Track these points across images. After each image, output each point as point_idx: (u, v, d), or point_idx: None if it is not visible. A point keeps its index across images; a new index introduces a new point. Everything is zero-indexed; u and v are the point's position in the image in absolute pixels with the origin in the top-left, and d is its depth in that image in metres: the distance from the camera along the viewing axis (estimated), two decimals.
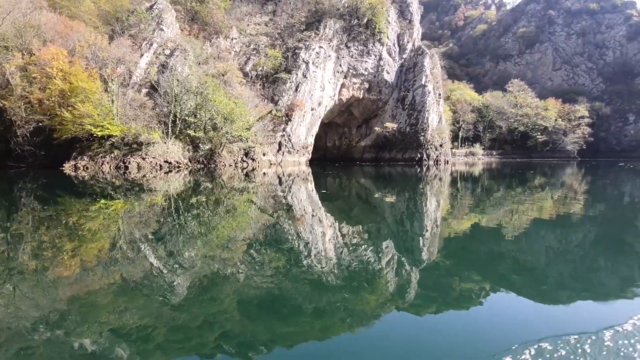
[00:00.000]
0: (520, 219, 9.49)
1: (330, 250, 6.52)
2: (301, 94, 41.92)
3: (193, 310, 4.25)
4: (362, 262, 5.88)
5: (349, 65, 47.77)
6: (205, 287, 4.94)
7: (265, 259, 6.07)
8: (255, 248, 6.69)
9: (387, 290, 4.86)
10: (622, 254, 6.62)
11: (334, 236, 7.65)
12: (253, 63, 43.78)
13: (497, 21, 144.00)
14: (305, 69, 42.93)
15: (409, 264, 5.88)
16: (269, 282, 5.07)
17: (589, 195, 15.69)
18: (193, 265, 5.78)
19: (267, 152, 38.50)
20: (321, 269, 5.58)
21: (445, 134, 49.42)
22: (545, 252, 6.69)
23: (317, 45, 44.31)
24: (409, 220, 9.76)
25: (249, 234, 7.88)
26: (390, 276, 5.31)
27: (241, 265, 5.72)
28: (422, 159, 45.70)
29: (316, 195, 15.29)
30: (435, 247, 6.96)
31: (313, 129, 43.44)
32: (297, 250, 6.57)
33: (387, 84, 50.74)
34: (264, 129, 39.60)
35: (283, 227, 8.58)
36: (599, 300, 4.54)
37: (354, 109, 52.81)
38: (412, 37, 52.26)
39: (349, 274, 5.33)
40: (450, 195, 15.46)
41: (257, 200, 13.38)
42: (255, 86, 42.66)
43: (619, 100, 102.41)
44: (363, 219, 10.19)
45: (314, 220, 9.62)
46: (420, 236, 7.89)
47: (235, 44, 45.18)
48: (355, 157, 51.39)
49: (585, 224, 9.09)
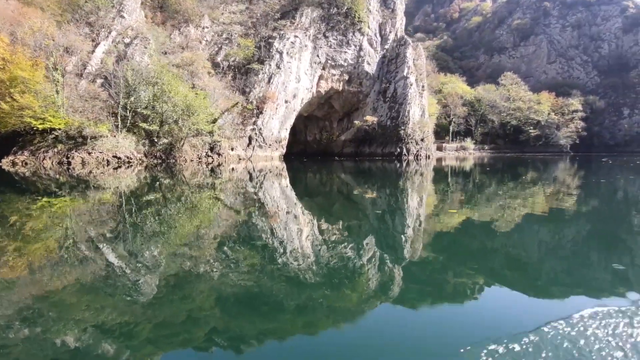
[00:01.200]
0: (500, 222, 8.75)
1: (308, 248, 6.35)
2: (274, 86, 40.00)
3: (173, 308, 4.12)
4: (342, 258, 5.75)
5: (327, 56, 45.76)
6: (178, 285, 4.71)
7: (239, 256, 5.84)
8: (228, 245, 6.42)
9: (370, 286, 4.77)
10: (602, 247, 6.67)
11: (311, 233, 7.39)
12: (225, 53, 41.79)
13: (492, 13, 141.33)
14: (279, 59, 40.96)
15: (391, 260, 5.72)
16: (246, 279, 4.90)
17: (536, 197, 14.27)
18: (160, 263, 5.56)
19: (236, 146, 36.68)
20: (299, 266, 5.42)
21: (427, 127, 47.57)
22: (531, 246, 6.70)
23: (292, 35, 42.29)
24: (389, 216, 9.36)
25: (218, 232, 7.51)
26: (373, 272, 5.21)
27: (215, 263, 5.51)
28: (401, 153, 43.87)
29: (291, 192, 14.70)
30: (417, 245, 6.73)
31: (287, 123, 41.57)
32: (272, 248, 6.36)
33: (368, 76, 48.77)
34: (233, 122, 37.78)
35: (256, 224, 8.24)
36: (589, 292, 4.49)
37: (334, 102, 50.88)
38: (394, 26, 50.17)
39: (329, 271, 5.21)
40: (432, 192, 14.80)
41: (226, 197, 12.71)
42: (227, 77, 40.75)
43: (613, 94, 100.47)
44: (341, 215, 9.79)
45: (289, 217, 9.23)
46: (401, 233, 7.66)
47: (207, 33, 43.12)
48: (335, 152, 49.59)
49: (559, 222, 8.70)
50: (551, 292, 4.64)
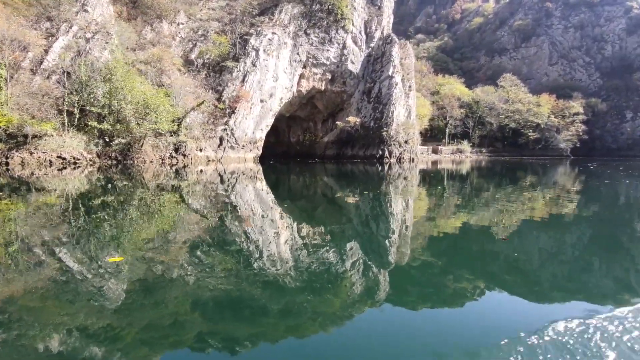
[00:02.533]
0: (484, 230, 8.35)
1: (286, 252, 6.19)
2: (249, 85, 38.23)
3: (146, 314, 3.95)
4: (324, 263, 5.60)
5: (308, 54, 43.93)
6: (149, 290, 4.53)
7: (214, 261, 5.68)
8: (201, 249, 6.22)
9: (355, 291, 4.62)
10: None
11: (290, 238, 7.21)
12: (199, 50, 40.11)
13: (493, 14, 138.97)
14: (254, 56, 39.19)
15: (375, 265, 5.61)
16: (224, 283, 4.76)
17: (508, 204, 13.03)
18: (128, 268, 5.26)
19: (205, 147, 34.94)
20: (277, 270, 5.26)
21: (413, 129, 45.50)
22: (525, 251, 6.58)
23: (270, 32, 40.52)
24: (371, 222, 9.13)
25: (188, 236, 7.21)
26: (357, 277, 5.12)
27: (188, 267, 5.34)
28: (383, 156, 41.84)
29: (268, 195, 14.27)
30: (401, 251, 6.53)
31: (263, 123, 39.77)
32: (249, 252, 6.18)
33: (352, 75, 46.86)
34: (204, 122, 36.05)
35: (229, 228, 7.99)
36: (588, 297, 4.46)
37: (317, 102, 49.03)
38: (380, 24, 48.24)
39: (310, 276, 5.09)
40: (416, 197, 14.21)
41: (194, 200, 12.19)
42: (200, 75, 39.06)
43: (616, 97, 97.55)
44: (320, 220, 9.49)
45: (265, 221, 8.93)
46: (384, 238, 7.48)
47: (182, 29, 41.51)
48: (317, 154, 47.69)
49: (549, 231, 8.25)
50: (549, 297, 4.54)
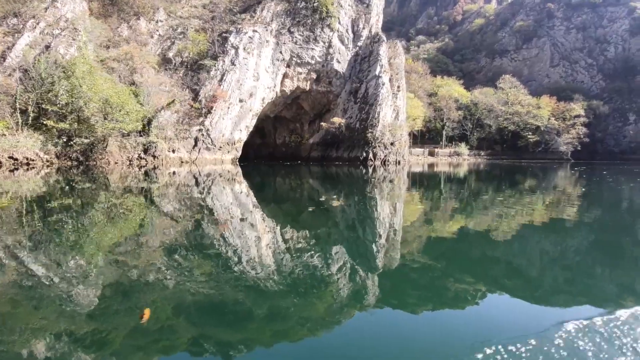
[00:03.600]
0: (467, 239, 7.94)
1: (268, 256, 5.96)
2: (227, 84, 36.94)
3: (119, 321, 3.77)
4: (307, 267, 5.42)
5: (292, 53, 42.59)
6: (129, 295, 4.38)
7: (193, 265, 5.42)
8: (179, 254, 5.93)
9: (341, 295, 4.53)
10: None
11: (273, 241, 7.00)
12: (177, 48, 38.94)
13: (494, 15, 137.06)
14: (234, 55, 37.92)
15: (363, 270, 5.45)
16: (206, 288, 4.60)
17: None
18: (99, 272, 5.07)
19: (179, 148, 33.66)
20: (260, 274, 5.11)
21: (401, 131, 43.93)
22: (516, 255, 6.50)
23: (251, 29, 39.24)
24: (359, 226, 8.91)
25: (163, 240, 6.93)
26: (343, 281, 4.96)
27: (167, 271, 5.11)
28: (367, 158, 40.31)
29: (247, 198, 13.85)
30: (388, 256, 6.33)
31: (242, 124, 38.43)
32: (229, 256, 5.96)
33: (338, 75, 45.44)
34: (178, 121, 34.80)
35: (207, 232, 7.73)
36: (590, 301, 4.41)
37: (303, 102, 47.67)
38: (369, 22, 46.81)
39: (295, 279, 4.95)
40: (401, 202, 13.57)
41: (166, 203, 11.69)
42: (178, 74, 37.87)
43: (619, 99, 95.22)
44: (303, 223, 9.18)
45: (245, 224, 8.67)
46: (370, 243, 7.30)
47: (161, 27, 40.38)
48: (302, 156, 46.27)
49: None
50: (549, 300, 4.51)
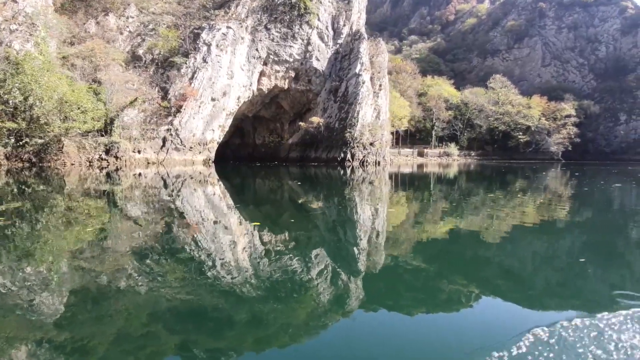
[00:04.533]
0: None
1: (245, 260, 5.72)
2: (198, 82, 35.57)
3: (94, 328, 3.59)
4: (287, 271, 5.22)
5: (268, 50, 41.25)
6: (99, 301, 4.15)
7: (165, 270, 5.20)
8: (151, 258, 5.69)
9: (323, 300, 4.36)
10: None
11: (249, 245, 6.67)
12: (148, 45, 37.53)
13: (487, 15, 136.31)
14: (206, 52, 36.55)
15: (345, 274, 5.29)
16: (182, 294, 4.37)
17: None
18: (68, 280, 4.84)
19: (145, 148, 32.25)
20: (238, 279, 4.88)
21: (382, 131, 42.67)
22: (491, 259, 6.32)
23: (225, 26, 37.89)
24: (340, 228, 8.64)
25: (131, 244, 6.53)
26: (324, 286, 4.79)
27: (138, 277, 4.88)
28: (345, 159, 39.01)
29: (221, 200, 13.28)
30: (371, 260, 6.11)
31: (214, 123, 37.04)
32: (204, 260, 5.69)
33: (317, 73, 44.14)
34: (145, 121, 33.40)
35: (178, 236, 7.30)
36: (582, 302, 4.46)
37: (282, 102, 46.34)
38: (349, 19, 45.55)
39: (274, 284, 4.72)
40: (382, 204, 13.08)
41: (132, 206, 11.15)
42: (148, 72, 36.46)
43: (610, 99, 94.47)
44: (280, 226, 8.85)
45: (218, 228, 8.27)
46: (352, 246, 7.04)
47: (131, 23, 38.94)
48: (281, 157, 44.93)
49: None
50: (541, 302, 4.44)
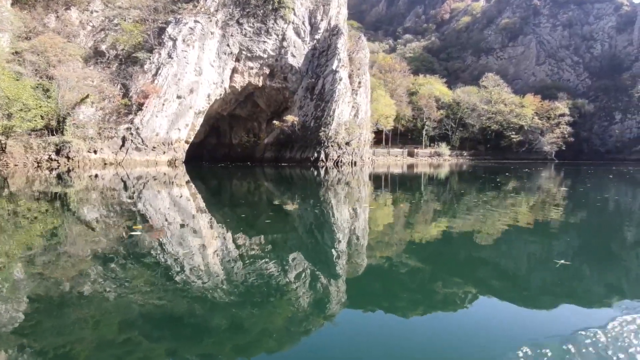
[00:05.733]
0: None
1: (216, 264, 5.44)
2: (162, 78, 33.87)
3: (55, 337, 3.35)
4: (261, 275, 4.97)
5: (241, 46, 39.56)
6: (62, 308, 3.89)
7: (131, 275, 4.91)
8: (116, 262, 5.37)
9: (304, 305, 4.17)
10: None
11: (222, 249, 6.35)
12: (112, 40, 35.85)
13: (481, 13, 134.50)
14: (171, 47, 34.88)
15: (324, 277, 5.05)
16: (154, 299, 4.15)
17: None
18: (25, 286, 4.48)
19: (102, 148, 30.51)
20: (205, 284, 4.61)
21: (359, 130, 40.92)
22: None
23: (192, 20, 36.22)
24: (317, 230, 8.20)
25: (93, 249, 6.13)
26: (303, 290, 4.58)
27: (104, 282, 4.58)
28: (318, 159, 37.25)
29: (188, 202, 12.69)
30: (348, 262, 5.84)
31: (181, 122, 35.31)
32: (175, 265, 5.36)
33: (293, 70, 42.42)
34: (104, 119, 31.70)
35: (142, 240, 6.71)
36: (580, 303, 4.30)
37: (258, 100, 44.63)
38: (327, 14, 43.83)
39: (249, 289, 4.48)
40: (356, 207, 12.40)
41: (88, 209, 10.56)
42: (111, 68, 34.78)
43: (604, 97, 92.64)
44: (254, 229, 8.19)
45: (186, 231, 7.73)
46: (329, 248, 6.75)
47: (95, 17, 37.28)
48: (256, 157, 43.20)
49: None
50: (538, 303, 4.30)
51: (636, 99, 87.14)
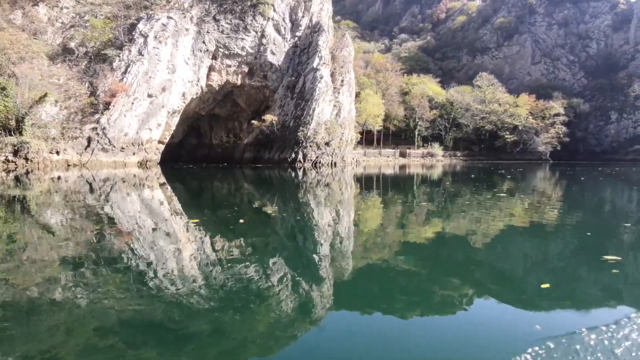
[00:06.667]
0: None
1: (192, 269, 5.22)
2: (132, 76, 32.57)
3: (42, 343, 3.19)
4: (240, 280, 4.78)
5: (218, 43, 38.27)
6: (32, 314, 3.71)
7: (104, 280, 4.68)
8: (86, 267, 5.11)
9: (287, 309, 4.03)
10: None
11: (199, 252, 6.11)
12: (82, 38, 34.58)
13: (477, 12, 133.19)
14: (142, 44, 33.59)
15: (308, 281, 4.91)
16: (132, 304, 3.98)
17: None
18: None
19: (66, 149, 29.18)
20: (180, 289, 4.41)
21: (341, 130, 39.56)
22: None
23: (165, 16, 34.94)
24: (299, 234, 8.01)
25: (60, 254, 5.83)
26: (287, 293, 4.43)
27: (75, 289, 4.36)
28: (295, 160, 35.91)
29: (160, 206, 12.36)
30: (332, 265, 5.67)
31: (152, 121, 33.97)
32: (146, 270, 5.14)
33: (273, 68, 41.12)
34: (68, 119, 30.40)
35: (112, 244, 6.46)
36: (577, 305, 4.26)
37: (237, 99, 43.33)
38: (309, 10, 42.54)
39: (229, 294, 4.32)
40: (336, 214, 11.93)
41: (51, 213, 9.96)
42: (79, 66, 33.51)
43: (600, 97, 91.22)
44: (228, 232, 7.84)
45: (158, 234, 7.45)
46: (311, 253, 6.54)
47: (65, 14, 36.02)
48: (235, 158, 41.87)
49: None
50: (534, 305, 4.20)
51: (632, 98, 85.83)
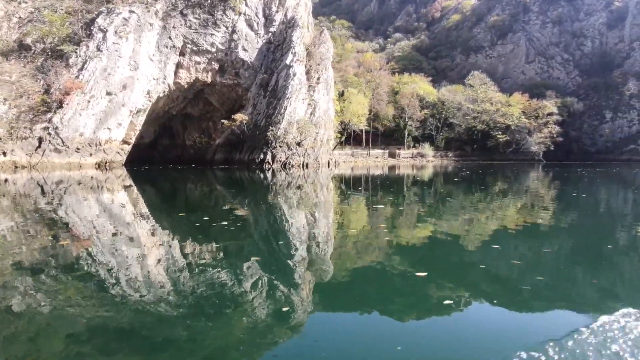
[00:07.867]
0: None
1: (160, 274, 5.01)
2: (89, 73, 30.87)
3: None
4: (211, 285, 4.54)
5: (185, 39, 36.59)
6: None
7: (66, 287, 4.49)
8: (46, 274, 4.89)
9: (267, 314, 3.85)
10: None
11: (166, 257, 5.89)
12: (40, 33, 32.91)
13: (471, 10, 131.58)
14: (101, 39, 31.91)
15: (284, 285, 4.69)
16: (101, 311, 3.76)
17: None
18: None
19: (13, 150, 27.50)
20: (148, 296, 4.18)
21: (315, 129, 37.84)
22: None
23: (126, 10, 33.26)
24: (271, 234, 7.99)
25: (14, 260, 5.58)
26: (264, 298, 4.22)
27: (36, 295, 4.13)
28: (264, 161, 34.18)
29: (122, 209, 11.46)
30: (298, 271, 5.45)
31: (111, 121, 32.25)
32: (108, 276, 4.87)
33: (245, 65, 39.43)
34: (19, 118, 28.72)
35: (68, 250, 6.12)
36: (573, 307, 4.17)
37: (210, 97, 41.65)
38: (283, 5, 40.86)
39: (199, 300, 4.08)
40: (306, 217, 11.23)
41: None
42: (36, 62, 31.84)
43: (595, 96, 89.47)
44: (197, 236, 7.59)
45: (121, 240, 7.04)
46: (286, 256, 6.26)
47: (23, 8, 34.38)
48: (207, 159, 40.18)
49: None
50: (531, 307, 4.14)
51: (627, 97, 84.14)
